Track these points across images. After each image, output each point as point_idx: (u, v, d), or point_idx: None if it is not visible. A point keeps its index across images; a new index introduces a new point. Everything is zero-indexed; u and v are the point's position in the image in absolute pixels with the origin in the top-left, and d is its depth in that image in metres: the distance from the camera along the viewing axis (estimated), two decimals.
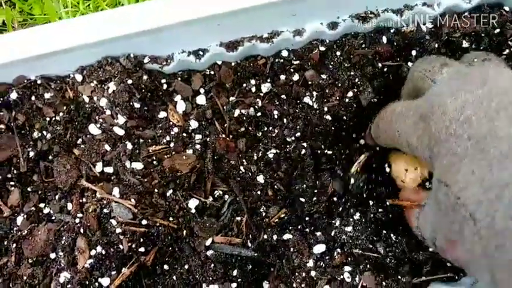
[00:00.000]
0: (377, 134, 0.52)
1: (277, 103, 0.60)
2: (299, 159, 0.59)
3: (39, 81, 0.57)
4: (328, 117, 0.59)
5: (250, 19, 0.54)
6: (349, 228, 0.56)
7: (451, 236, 0.40)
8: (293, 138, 0.59)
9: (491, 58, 0.49)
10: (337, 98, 0.59)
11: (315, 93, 0.59)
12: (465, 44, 0.59)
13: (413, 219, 0.49)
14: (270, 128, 0.60)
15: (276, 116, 0.59)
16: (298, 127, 0.59)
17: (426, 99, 0.44)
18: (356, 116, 0.60)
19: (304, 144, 0.59)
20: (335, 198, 0.58)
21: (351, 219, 0.56)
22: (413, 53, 0.59)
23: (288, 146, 0.59)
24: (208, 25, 0.53)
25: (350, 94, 0.59)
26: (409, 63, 0.59)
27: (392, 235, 0.56)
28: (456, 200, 0.37)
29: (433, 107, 0.41)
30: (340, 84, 0.59)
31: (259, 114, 0.60)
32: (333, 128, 0.59)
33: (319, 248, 0.55)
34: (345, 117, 0.59)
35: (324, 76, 0.59)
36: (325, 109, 0.59)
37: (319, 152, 0.59)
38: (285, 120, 0.59)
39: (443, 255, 0.44)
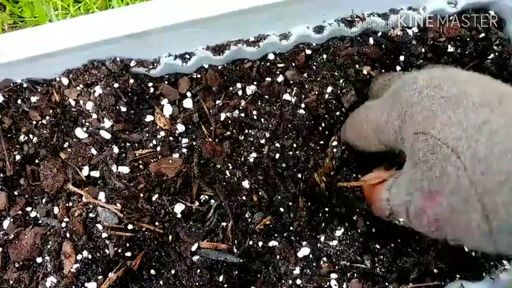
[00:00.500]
0: (346, 132, 0.54)
1: (259, 104, 0.60)
2: (272, 163, 0.58)
3: (25, 85, 0.57)
4: (303, 111, 0.58)
5: (237, 23, 0.54)
6: (334, 243, 0.55)
7: (430, 186, 0.40)
8: (265, 140, 0.58)
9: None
10: (316, 93, 0.58)
11: (295, 89, 0.59)
12: (450, 49, 0.60)
13: (383, 191, 0.48)
14: (250, 131, 0.59)
15: (255, 117, 0.59)
16: (271, 126, 0.58)
17: (397, 82, 0.46)
18: (335, 116, 0.59)
19: (277, 145, 0.58)
20: (315, 213, 0.57)
21: (335, 235, 0.56)
22: (402, 58, 0.59)
23: (263, 150, 0.58)
24: (194, 28, 0.53)
25: (329, 90, 0.59)
26: (397, 68, 0.59)
27: (377, 246, 0.56)
28: (436, 141, 0.38)
29: (404, 81, 0.44)
30: (321, 83, 0.59)
31: (242, 115, 0.59)
32: (308, 124, 0.59)
33: (305, 255, 0.55)
34: (322, 116, 0.59)
35: (305, 75, 0.59)
36: (302, 105, 0.58)
37: (289, 153, 0.59)
38: (262, 120, 0.59)
39: (417, 222, 0.43)
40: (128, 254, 0.54)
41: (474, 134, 0.36)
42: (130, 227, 0.54)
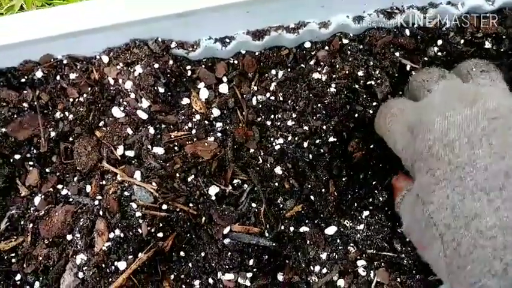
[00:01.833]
0: (375, 124, 0.55)
1: (290, 88, 0.59)
2: (299, 151, 0.58)
3: (65, 61, 0.57)
4: (333, 90, 0.58)
5: (281, 8, 0.54)
6: (361, 227, 0.55)
7: (421, 243, 0.44)
8: (295, 123, 0.58)
9: (490, 70, 0.50)
10: (347, 73, 0.58)
11: (325, 69, 0.58)
12: (487, 45, 0.60)
13: (397, 203, 0.52)
14: (280, 115, 0.59)
15: (283, 101, 0.59)
16: (299, 107, 0.58)
17: (416, 111, 0.46)
18: (368, 107, 0.59)
19: (306, 128, 0.58)
20: (343, 197, 0.58)
21: (362, 219, 0.56)
22: (435, 48, 0.59)
23: (295, 137, 0.58)
24: (238, 12, 0.54)
25: (361, 73, 0.58)
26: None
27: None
28: (429, 219, 0.40)
29: (421, 122, 0.43)
30: (353, 64, 0.58)
31: (272, 98, 0.59)
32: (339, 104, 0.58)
33: (334, 240, 0.55)
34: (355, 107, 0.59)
35: (338, 59, 0.59)
36: (333, 84, 0.58)
37: (319, 141, 0.58)
38: (290, 101, 0.59)
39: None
40: (160, 234, 0.54)
41: (462, 227, 0.38)
42: (164, 207, 0.54)
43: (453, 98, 0.43)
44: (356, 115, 0.58)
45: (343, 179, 0.58)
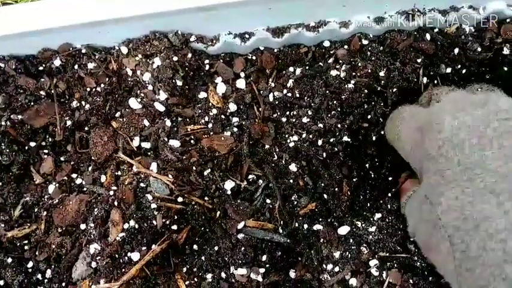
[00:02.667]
0: (386, 130, 0.56)
1: (307, 85, 0.59)
2: (313, 149, 0.58)
3: (84, 50, 0.57)
4: (351, 87, 0.58)
5: (303, 6, 0.54)
6: (373, 229, 0.56)
7: (428, 244, 0.44)
8: (309, 119, 0.58)
9: (495, 90, 0.51)
10: (368, 71, 0.58)
11: (344, 66, 0.58)
12: (506, 51, 0.60)
13: (402, 205, 0.53)
14: (296, 112, 0.59)
15: (299, 97, 0.59)
16: (314, 104, 0.58)
17: (427, 113, 0.46)
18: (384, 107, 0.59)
19: (320, 126, 0.58)
20: (356, 197, 0.58)
21: (374, 221, 0.56)
22: (456, 51, 0.59)
23: (306, 134, 0.59)
24: (260, 8, 0.53)
25: (382, 74, 0.58)
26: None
27: None
28: (437, 220, 0.40)
29: (431, 122, 0.43)
30: (374, 63, 0.58)
31: (289, 95, 0.59)
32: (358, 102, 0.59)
33: (347, 240, 0.55)
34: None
35: (357, 58, 0.59)
36: (352, 82, 0.58)
37: (333, 140, 0.58)
38: (306, 98, 0.59)
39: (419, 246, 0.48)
40: (174, 227, 0.54)
41: (471, 230, 0.37)
42: (180, 199, 0.54)
43: (464, 102, 0.43)
44: (372, 115, 0.59)
45: (356, 179, 0.58)
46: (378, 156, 0.60)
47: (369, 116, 0.59)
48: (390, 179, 0.59)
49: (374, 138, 0.59)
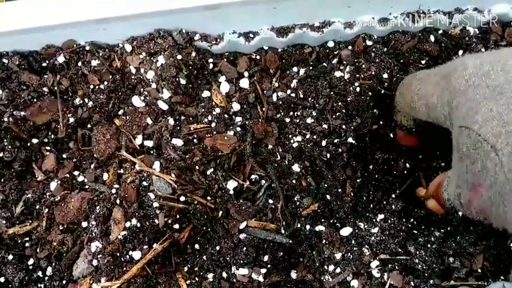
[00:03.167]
0: (397, 100, 0.54)
1: (311, 85, 0.59)
2: (317, 149, 0.58)
3: (88, 47, 0.56)
4: (356, 89, 0.58)
5: (307, 6, 0.54)
6: (375, 230, 0.56)
7: (473, 180, 0.42)
8: (313, 120, 0.58)
9: None
10: (372, 74, 0.58)
11: (348, 68, 0.58)
12: None
13: (443, 193, 0.50)
14: (299, 112, 0.59)
15: (303, 98, 0.59)
16: (318, 105, 0.58)
17: (448, 63, 0.46)
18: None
19: (324, 127, 0.58)
20: (359, 199, 0.58)
21: (376, 222, 0.56)
22: (460, 53, 0.59)
23: (309, 134, 0.58)
24: (265, 7, 0.53)
25: (385, 76, 0.58)
26: None
27: (421, 239, 0.56)
28: (477, 137, 0.39)
29: (455, 66, 0.44)
30: (378, 65, 0.58)
31: (293, 95, 0.59)
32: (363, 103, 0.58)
33: (349, 241, 0.55)
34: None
35: (361, 59, 0.59)
36: (356, 83, 0.58)
37: (337, 141, 0.58)
38: (310, 99, 0.59)
39: (469, 212, 0.45)
40: (176, 226, 0.54)
41: None
42: (182, 198, 0.54)
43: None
44: (378, 117, 0.59)
45: (360, 180, 0.58)
46: (383, 158, 0.60)
47: (376, 118, 0.59)
48: (395, 179, 0.59)
49: (380, 139, 0.59)
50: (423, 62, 0.58)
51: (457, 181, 0.45)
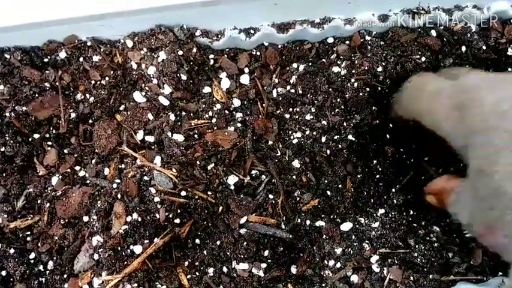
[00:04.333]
0: (402, 105, 0.53)
1: (310, 81, 0.59)
2: (317, 145, 0.58)
3: (89, 43, 0.57)
4: (354, 85, 0.58)
5: (308, 2, 0.54)
6: (376, 224, 0.56)
7: (488, 221, 0.41)
8: (312, 117, 0.58)
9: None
10: (366, 69, 0.57)
11: (344, 63, 0.58)
12: (510, 52, 0.60)
13: (449, 205, 0.49)
14: (299, 108, 0.59)
15: (303, 94, 0.59)
16: (317, 101, 0.58)
17: (461, 89, 0.45)
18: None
19: (324, 123, 0.58)
20: (359, 194, 0.58)
21: (377, 216, 0.57)
22: (463, 49, 0.59)
23: (313, 132, 0.59)
24: (266, 3, 0.54)
25: (380, 69, 0.58)
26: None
27: (421, 232, 0.56)
28: (497, 188, 0.39)
29: (469, 99, 0.43)
30: (372, 59, 0.58)
31: (292, 91, 0.60)
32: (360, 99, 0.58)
33: (349, 236, 0.56)
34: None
35: (358, 54, 0.59)
36: (353, 79, 0.58)
37: (337, 137, 0.59)
38: (309, 95, 0.59)
39: (479, 240, 0.45)
40: (177, 220, 0.54)
41: None
42: (183, 193, 0.54)
43: (495, 80, 0.44)
44: (378, 113, 0.59)
45: (360, 175, 0.58)
46: (384, 153, 0.60)
47: (376, 114, 0.59)
48: (397, 173, 0.59)
49: (381, 135, 0.59)
50: (423, 57, 0.58)
51: (469, 212, 0.45)
